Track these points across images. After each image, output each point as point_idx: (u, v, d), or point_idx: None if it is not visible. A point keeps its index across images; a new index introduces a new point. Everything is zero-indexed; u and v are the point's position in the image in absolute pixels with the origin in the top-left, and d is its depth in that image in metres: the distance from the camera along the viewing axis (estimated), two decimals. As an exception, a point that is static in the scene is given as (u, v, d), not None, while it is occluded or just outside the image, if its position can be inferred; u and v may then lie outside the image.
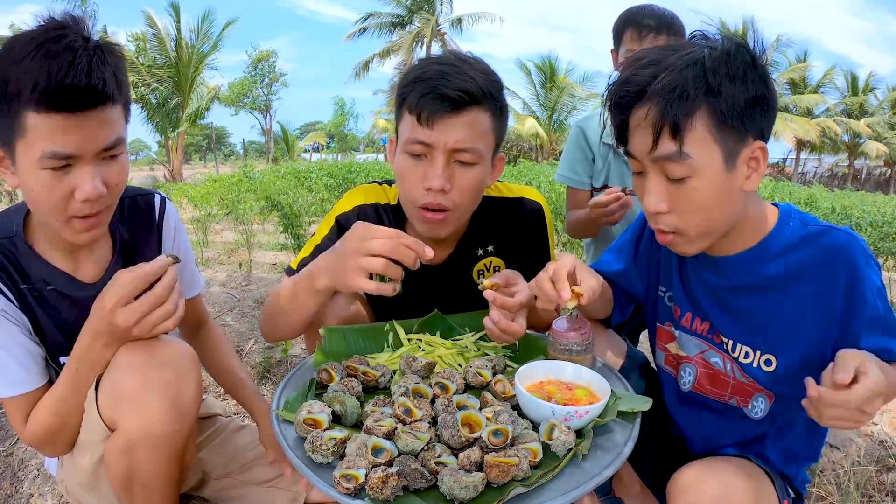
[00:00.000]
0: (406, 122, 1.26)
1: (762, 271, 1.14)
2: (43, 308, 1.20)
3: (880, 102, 32.36)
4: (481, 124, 1.25)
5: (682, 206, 1.06)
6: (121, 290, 1.05)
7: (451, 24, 30.24)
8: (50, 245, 1.21)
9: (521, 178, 10.92)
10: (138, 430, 1.10)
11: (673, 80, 1.00)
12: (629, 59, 1.09)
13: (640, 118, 1.04)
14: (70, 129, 1.00)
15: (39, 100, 0.97)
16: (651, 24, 1.98)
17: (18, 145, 1.02)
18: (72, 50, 0.99)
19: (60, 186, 1.04)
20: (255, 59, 38.40)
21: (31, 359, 1.19)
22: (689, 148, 1.00)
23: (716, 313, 1.22)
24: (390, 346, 1.32)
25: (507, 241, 1.51)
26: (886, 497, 1.79)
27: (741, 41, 1.05)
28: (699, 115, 1.00)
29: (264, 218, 7.50)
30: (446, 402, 1.03)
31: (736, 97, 1.00)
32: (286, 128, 39.73)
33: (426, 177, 1.25)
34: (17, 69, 0.98)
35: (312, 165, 16.32)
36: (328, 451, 0.90)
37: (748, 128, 1.02)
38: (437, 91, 1.20)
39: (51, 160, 1.01)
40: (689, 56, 1.01)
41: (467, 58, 1.29)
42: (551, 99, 27.95)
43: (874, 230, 6.08)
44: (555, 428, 0.96)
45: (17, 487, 1.77)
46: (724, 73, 0.99)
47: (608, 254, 1.44)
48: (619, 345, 1.39)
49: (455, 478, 0.83)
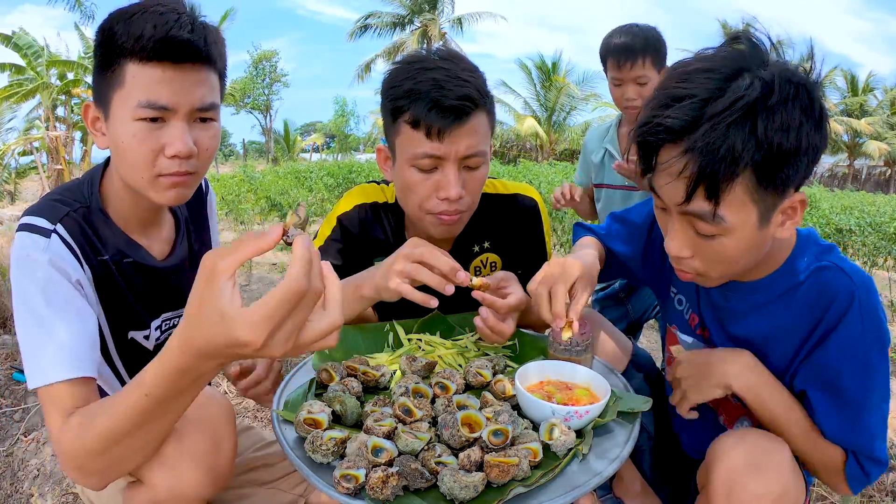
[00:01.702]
0: (408, 136, 1.25)
1: (761, 301, 1.11)
2: (123, 279, 1.18)
3: (880, 102, 32.35)
4: (483, 125, 1.27)
5: (706, 256, 1.00)
6: (268, 311, 0.66)
7: (452, 24, 30.25)
8: (125, 217, 1.19)
9: (522, 178, 10.91)
10: (168, 492, 1.00)
11: (718, 137, 0.87)
12: (661, 89, 0.96)
13: (673, 164, 0.92)
14: (167, 80, 1.03)
15: (141, 50, 1.01)
16: (628, 55, 2.11)
17: (115, 97, 1.05)
18: (177, 12, 1.05)
19: (151, 139, 1.06)
20: (256, 59, 38.41)
21: (89, 343, 1.03)
22: (725, 211, 0.91)
23: (716, 330, 1.20)
24: (390, 346, 1.32)
25: (502, 237, 1.53)
26: (886, 497, 1.79)
27: (801, 76, 0.91)
28: (742, 178, 0.89)
29: (264, 218, 7.51)
30: (446, 402, 1.03)
31: (786, 154, 0.88)
32: (288, 126, 39.72)
33: (441, 187, 1.26)
34: (123, 25, 1.02)
35: (312, 165, 16.33)
36: (328, 451, 0.90)
37: (792, 182, 0.93)
38: (441, 104, 1.19)
39: (146, 109, 1.04)
40: (739, 104, 0.87)
41: (448, 55, 1.28)
42: (550, 99, 27.96)
43: (874, 230, 6.08)
44: (555, 428, 0.96)
45: (17, 487, 1.77)
46: (779, 125, 0.87)
47: (617, 224, 1.41)
48: (625, 344, 1.38)
49: (455, 478, 0.83)
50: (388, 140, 1.33)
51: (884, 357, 1.00)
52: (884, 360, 1.00)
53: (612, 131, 2.39)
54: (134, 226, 1.21)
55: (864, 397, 1.01)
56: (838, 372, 1.01)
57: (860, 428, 1.02)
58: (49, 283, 1.02)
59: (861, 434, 1.02)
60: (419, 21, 30.10)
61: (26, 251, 1.04)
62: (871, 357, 0.99)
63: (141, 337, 1.26)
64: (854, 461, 1.04)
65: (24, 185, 16.72)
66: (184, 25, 1.03)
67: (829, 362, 1.02)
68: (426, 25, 29.41)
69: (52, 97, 14.37)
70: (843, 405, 1.02)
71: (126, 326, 1.22)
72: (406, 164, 1.27)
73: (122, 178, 1.14)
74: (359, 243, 1.46)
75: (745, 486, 0.95)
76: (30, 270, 1.02)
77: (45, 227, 1.06)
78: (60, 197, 1.14)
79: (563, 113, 28.41)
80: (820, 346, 1.03)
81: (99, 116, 1.10)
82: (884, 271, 5.49)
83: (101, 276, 1.14)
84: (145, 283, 1.22)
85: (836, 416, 1.03)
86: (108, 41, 1.04)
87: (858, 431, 1.02)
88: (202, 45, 1.06)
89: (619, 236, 1.39)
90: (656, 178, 0.97)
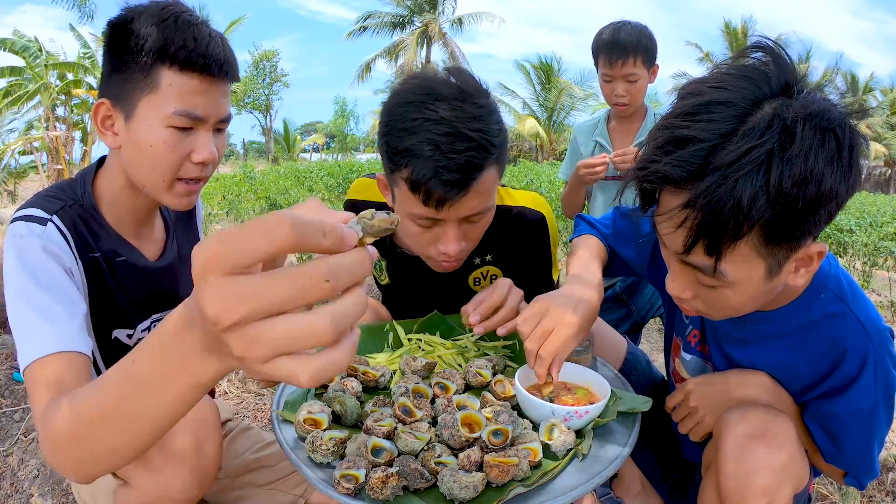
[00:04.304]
0: (405, 194, 1.15)
1: (769, 333, 1.06)
2: (114, 278, 1.18)
3: (880, 103, 32.39)
4: (490, 181, 1.15)
5: (708, 302, 0.94)
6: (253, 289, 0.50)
7: (452, 24, 30.25)
8: (119, 217, 1.19)
9: (522, 178, 10.92)
10: (153, 493, 1.02)
11: (724, 193, 0.76)
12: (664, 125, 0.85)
13: (672, 216, 0.82)
14: (203, 92, 1.07)
15: (185, 60, 1.04)
16: (619, 53, 2.13)
17: (144, 101, 1.06)
18: (207, 25, 1.09)
19: (181, 146, 1.09)
20: (257, 59, 38.43)
21: (79, 323, 0.99)
22: (727, 266, 0.83)
23: (716, 351, 1.18)
24: (390, 346, 1.32)
25: (506, 251, 1.50)
26: (887, 497, 1.79)
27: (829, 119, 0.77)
28: (748, 237, 0.80)
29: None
30: (446, 402, 1.03)
31: (802, 209, 0.77)
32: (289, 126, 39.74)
33: (440, 241, 1.21)
34: (157, 29, 1.03)
35: (312, 165, 16.34)
36: (328, 451, 0.90)
37: (808, 235, 0.83)
38: (441, 176, 1.08)
39: (181, 118, 1.06)
40: (751, 155, 0.75)
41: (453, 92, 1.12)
42: (550, 99, 27.98)
43: (874, 230, 6.08)
44: (555, 428, 0.96)
45: (17, 487, 1.77)
46: (798, 178, 0.75)
47: (622, 221, 1.34)
48: (619, 344, 1.38)
49: (455, 478, 0.83)
50: (388, 179, 1.24)
51: (889, 405, 1.00)
52: (889, 407, 1.00)
53: (602, 125, 2.41)
54: (127, 226, 1.21)
55: (866, 441, 1.02)
56: (844, 423, 1.02)
57: (860, 460, 1.05)
58: (40, 267, 1.02)
59: (860, 465, 1.05)
60: (419, 21, 30.10)
61: (19, 236, 1.04)
62: (877, 410, 0.99)
63: (124, 336, 1.25)
64: (852, 477, 1.08)
65: (24, 185, 16.71)
66: (216, 41, 1.08)
67: (836, 413, 1.02)
68: (426, 25, 29.42)
69: (52, 97, 14.37)
70: (844, 447, 1.04)
71: (111, 325, 1.21)
72: (404, 215, 1.20)
73: (133, 178, 1.14)
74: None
75: (754, 452, 0.95)
76: (22, 255, 1.02)
77: (41, 217, 1.07)
78: (54, 193, 1.14)
79: (562, 113, 28.44)
80: (828, 399, 1.02)
81: (111, 115, 1.10)
82: (884, 271, 5.49)
83: (92, 273, 1.14)
84: (136, 284, 1.22)
85: (836, 452, 1.05)
86: (136, 43, 1.04)
87: (858, 463, 1.05)
88: (233, 61, 1.12)
89: (626, 237, 1.33)
90: (657, 221, 0.89)
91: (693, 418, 1.14)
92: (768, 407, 1.03)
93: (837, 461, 1.06)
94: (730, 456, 0.97)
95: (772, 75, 0.80)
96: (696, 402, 1.13)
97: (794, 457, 0.96)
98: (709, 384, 1.13)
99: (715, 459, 1.01)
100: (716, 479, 0.99)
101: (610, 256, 1.36)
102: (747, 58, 0.84)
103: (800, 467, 0.97)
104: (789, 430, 0.98)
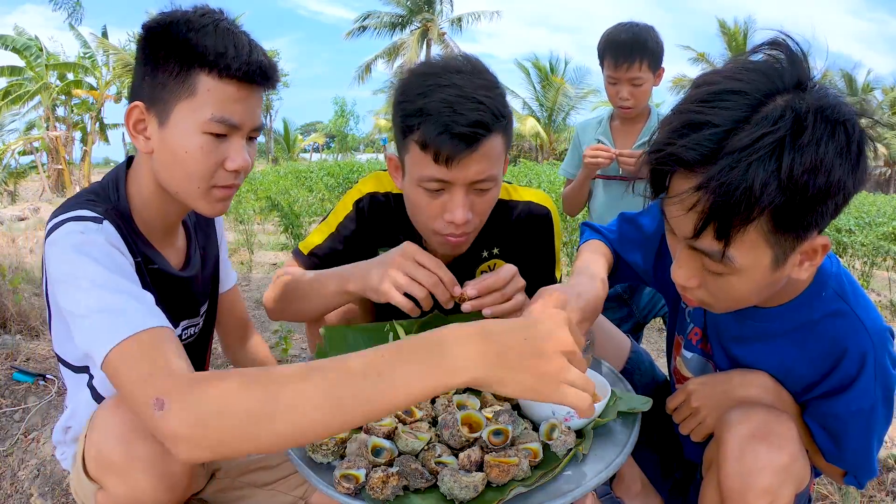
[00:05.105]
0: (416, 156, 1.20)
1: (770, 331, 1.07)
2: (153, 285, 1.16)
3: (879, 103, 32.41)
4: (496, 149, 1.20)
5: (713, 290, 0.94)
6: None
7: (451, 23, 30.25)
8: (147, 224, 1.18)
9: (522, 177, 10.92)
10: (125, 497, 1.00)
11: (736, 176, 0.78)
12: (680, 109, 0.86)
13: (684, 198, 0.83)
14: (241, 99, 1.07)
15: (226, 67, 1.03)
16: (625, 57, 2.12)
17: (181, 105, 1.04)
18: (245, 33, 1.09)
19: (216, 152, 1.07)
20: (256, 59, 38.36)
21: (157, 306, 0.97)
22: (735, 252, 0.84)
23: (718, 349, 1.19)
24: (390, 346, 1.31)
25: (512, 244, 1.51)
26: (887, 497, 1.79)
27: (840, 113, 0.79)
28: (758, 222, 0.81)
29: (264, 218, 7.51)
30: (446, 402, 1.03)
31: (812, 198, 0.79)
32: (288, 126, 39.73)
33: (447, 210, 1.23)
34: (197, 35, 1.03)
35: (313, 165, 16.34)
36: (328, 451, 0.90)
37: (815, 226, 0.84)
38: (451, 130, 1.13)
39: (218, 125, 1.05)
40: (764, 140, 0.77)
41: (466, 67, 1.21)
42: (549, 99, 27.99)
43: (873, 230, 6.08)
44: (555, 428, 0.96)
45: (17, 487, 1.77)
46: (808, 166, 0.77)
47: (627, 226, 1.34)
48: (622, 343, 1.38)
49: (455, 478, 0.83)
50: (399, 153, 1.29)
51: (889, 405, 1.00)
52: (888, 406, 1.01)
53: (605, 124, 2.40)
54: (156, 233, 1.20)
55: (866, 441, 1.02)
56: (844, 423, 1.02)
57: (859, 459, 1.05)
58: (111, 258, 0.99)
59: (860, 464, 1.05)
60: (418, 21, 30.11)
61: (79, 233, 0.99)
62: (876, 409, 0.99)
63: None
64: (852, 477, 1.08)
65: (24, 185, 16.72)
66: (255, 49, 1.08)
67: (836, 412, 1.02)
68: (426, 25, 29.43)
69: (52, 97, 14.37)
70: (844, 446, 1.04)
71: None
72: (414, 182, 1.24)
73: (166, 184, 1.12)
74: (369, 230, 1.46)
75: (756, 452, 0.95)
76: (88, 250, 0.97)
77: (93, 216, 1.04)
78: (93, 197, 1.11)
79: (561, 113, 28.45)
80: (828, 398, 1.02)
81: (144, 119, 1.08)
82: (884, 271, 5.49)
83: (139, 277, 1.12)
84: (166, 291, 1.20)
85: (836, 451, 1.05)
86: (173, 48, 1.03)
87: (858, 462, 1.05)
88: (276, 68, 1.12)
89: (631, 242, 1.34)
90: (667, 205, 0.90)
91: (695, 419, 1.14)
92: (770, 407, 1.03)
93: (838, 461, 1.06)
94: (731, 455, 0.97)
95: (785, 72, 0.82)
96: (698, 402, 1.13)
97: (795, 457, 0.96)
98: (710, 384, 1.14)
99: (716, 459, 1.01)
100: (717, 479, 0.99)
101: (616, 262, 1.36)
102: (762, 53, 0.86)
103: (801, 467, 0.97)
104: (791, 431, 0.98)
